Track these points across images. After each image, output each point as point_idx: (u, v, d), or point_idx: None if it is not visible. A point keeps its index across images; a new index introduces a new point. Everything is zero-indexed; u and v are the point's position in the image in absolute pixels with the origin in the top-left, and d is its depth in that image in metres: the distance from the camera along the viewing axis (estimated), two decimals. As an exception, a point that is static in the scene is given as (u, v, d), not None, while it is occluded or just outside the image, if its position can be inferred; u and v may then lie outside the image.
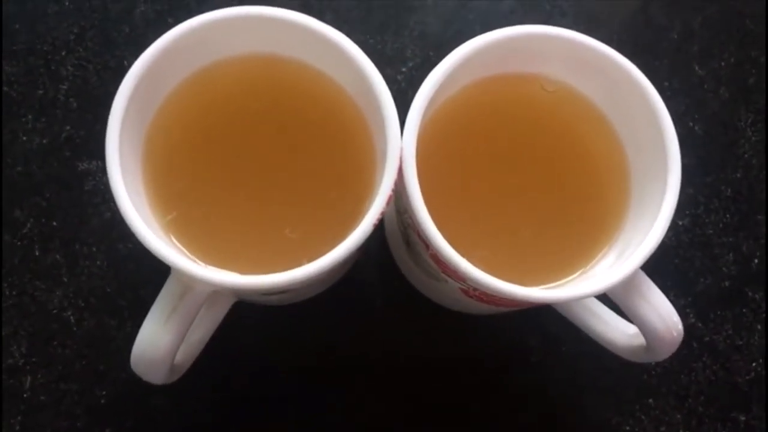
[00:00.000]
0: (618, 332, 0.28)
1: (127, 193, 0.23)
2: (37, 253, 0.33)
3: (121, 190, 0.23)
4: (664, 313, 0.25)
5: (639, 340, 0.27)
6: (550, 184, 0.28)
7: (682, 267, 0.35)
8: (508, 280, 0.23)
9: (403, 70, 0.36)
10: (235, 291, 0.27)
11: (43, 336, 0.33)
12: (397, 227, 0.30)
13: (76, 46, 0.36)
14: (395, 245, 0.33)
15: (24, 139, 0.35)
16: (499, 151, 0.28)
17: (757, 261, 0.35)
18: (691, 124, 0.37)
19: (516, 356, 0.34)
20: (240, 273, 0.24)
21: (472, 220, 0.27)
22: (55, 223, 0.34)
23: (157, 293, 0.24)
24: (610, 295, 0.25)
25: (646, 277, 0.25)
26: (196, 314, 0.25)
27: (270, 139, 0.27)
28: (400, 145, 0.24)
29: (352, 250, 0.23)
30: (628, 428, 0.33)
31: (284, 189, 0.27)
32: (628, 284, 0.25)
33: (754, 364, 0.34)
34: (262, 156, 0.27)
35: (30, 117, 0.35)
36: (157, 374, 0.25)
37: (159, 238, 0.23)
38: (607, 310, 0.29)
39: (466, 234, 0.26)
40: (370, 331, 0.34)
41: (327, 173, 0.27)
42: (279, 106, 0.27)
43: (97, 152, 0.30)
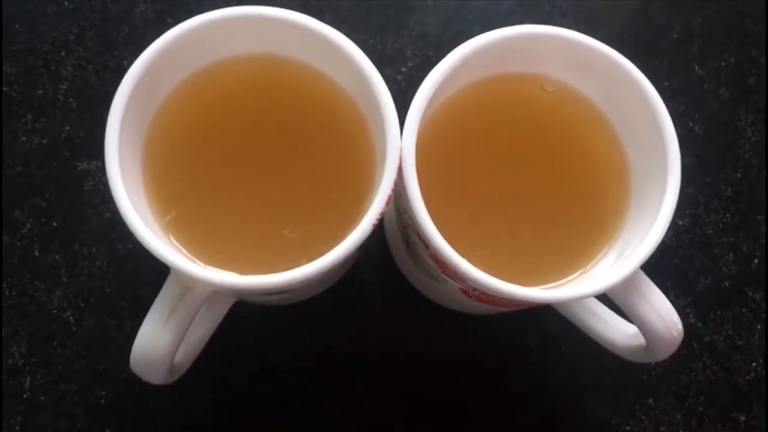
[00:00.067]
0: (618, 332, 0.28)
1: (127, 194, 0.23)
2: (37, 254, 0.33)
3: (121, 191, 0.23)
4: (664, 313, 0.25)
5: (639, 340, 0.27)
6: (550, 184, 0.28)
7: (682, 267, 0.35)
8: (507, 280, 0.23)
9: (403, 70, 0.36)
10: (234, 291, 0.27)
11: (43, 336, 0.33)
12: (397, 227, 0.30)
13: (76, 46, 0.36)
14: (395, 245, 0.33)
15: (23, 139, 0.35)
16: (499, 151, 0.28)
17: (757, 261, 0.35)
18: (691, 124, 0.37)
19: (516, 356, 0.34)
20: (239, 273, 0.24)
21: (471, 220, 0.27)
22: (54, 224, 0.34)
23: (156, 293, 0.24)
24: (610, 295, 0.25)
25: (646, 277, 0.25)
26: (195, 314, 0.25)
27: (270, 139, 0.27)
28: (400, 145, 0.24)
29: (352, 250, 0.23)
30: (628, 428, 0.33)
31: (284, 189, 0.27)
32: (628, 284, 0.25)
33: (754, 364, 0.34)
34: (262, 156, 0.27)
35: (29, 117, 0.35)
36: (156, 374, 0.25)
37: (158, 239, 0.23)
38: (607, 310, 0.29)
39: (466, 234, 0.26)
40: (370, 331, 0.34)
41: (326, 173, 0.27)
42: (278, 106, 0.27)
43: (97, 152, 0.30)
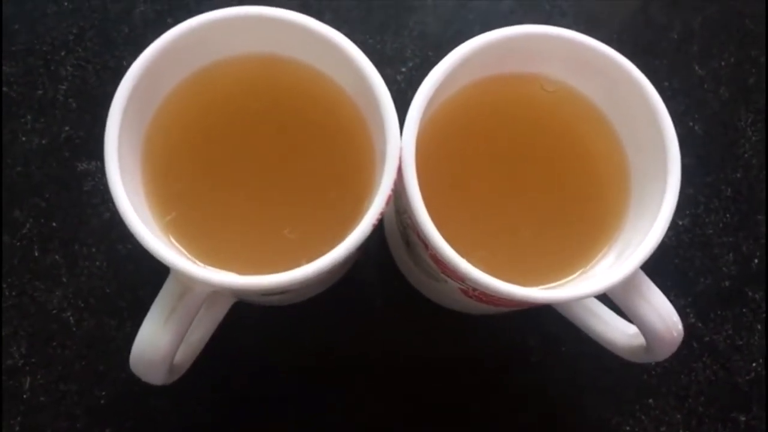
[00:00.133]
0: (618, 332, 0.28)
1: (126, 194, 0.23)
2: (37, 254, 0.33)
3: (120, 191, 0.23)
4: (664, 313, 0.25)
5: (639, 340, 0.27)
6: (550, 184, 0.28)
7: (682, 267, 0.35)
8: (507, 280, 0.23)
9: (403, 70, 0.36)
10: (234, 291, 0.27)
11: (43, 336, 0.33)
12: (397, 227, 0.30)
13: (76, 47, 0.36)
14: (395, 245, 0.33)
15: (23, 139, 0.35)
16: (499, 151, 0.28)
17: (757, 261, 0.35)
18: (691, 124, 0.37)
19: (516, 356, 0.34)
20: (239, 273, 0.24)
21: (471, 220, 0.27)
22: (54, 224, 0.34)
23: (156, 294, 0.24)
24: (610, 295, 0.25)
25: (646, 277, 0.25)
26: (195, 315, 0.25)
27: (269, 140, 0.27)
28: (400, 145, 0.24)
29: (352, 250, 0.23)
30: (628, 428, 0.33)
31: (283, 189, 0.27)
32: (628, 284, 0.25)
33: (754, 364, 0.34)
34: (262, 156, 0.27)
35: (29, 117, 0.35)
36: (156, 375, 0.25)
37: (158, 239, 0.23)
38: (607, 310, 0.29)
39: (466, 234, 0.26)
40: (370, 331, 0.34)
41: (326, 173, 0.27)
42: (278, 107, 0.27)
43: (97, 153, 0.30)
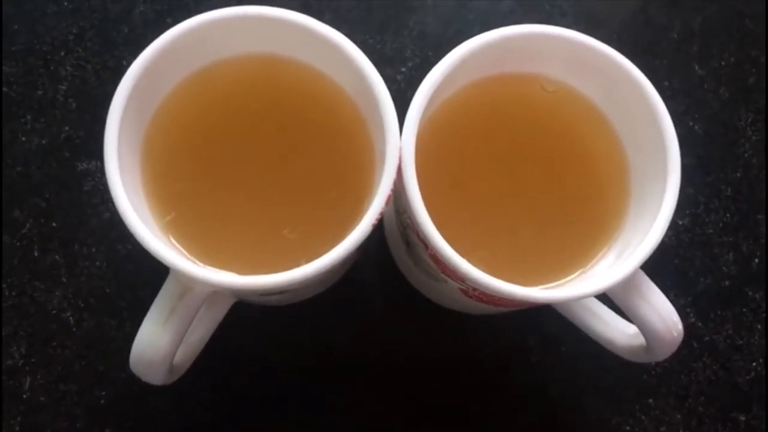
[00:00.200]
0: (618, 332, 0.28)
1: (126, 194, 0.23)
2: (37, 254, 0.33)
3: (120, 191, 0.23)
4: (664, 313, 0.25)
5: (639, 340, 0.27)
6: (550, 184, 0.28)
7: (682, 267, 0.35)
8: (507, 280, 0.23)
9: (403, 70, 0.36)
10: (234, 291, 0.27)
11: (43, 336, 0.33)
12: (397, 227, 0.30)
13: (75, 47, 0.36)
14: (395, 245, 0.33)
15: (23, 139, 0.35)
16: (499, 151, 0.28)
17: (757, 261, 0.35)
18: (691, 124, 0.37)
19: (516, 356, 0.34)
20: (239, 273, 0.24)
21: (471, 220, 0.27)
22: (54, 224, 0.34)
23: (156, 294, 0.24)
24: (609, 295, 0.25)
25: (646, 277, 0.25)
26: (195, 315, 0.25)
27: (269, 140, 0.27)
28: (399, 145, 0.24)
29: (351, 250, 0.23)
30: (628, 428, 0.33)
31: (283, 189, 0.27)
32: (628, 284, 0.25)
33: (754, 364, 0.34)
34: (262, 156, 0.27)
35: (29, 117, 0.35)
36: (156, 375, 0.25)
37: (158, 239, 0.23)
38: (607, 310, 0.29)
39: (466, 234, 0.26)
40: (370, 331, 0.34)
41: (326, 173, 0.27)
42: (278, 107, 0.27)
43: (97, 153, 0.30)
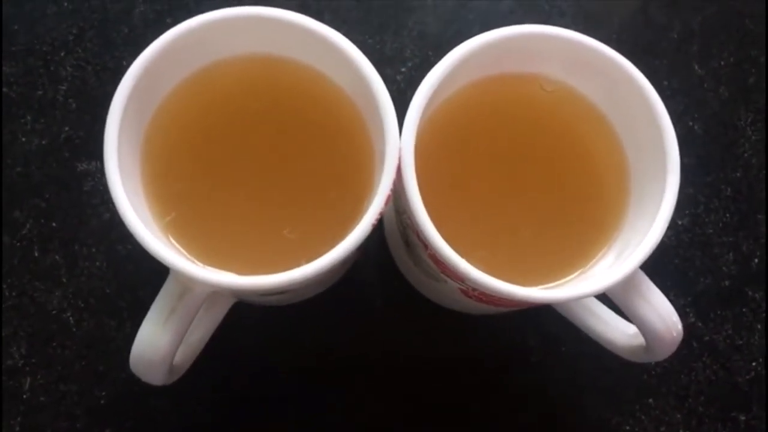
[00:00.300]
0: (618, 332, 0.28)
1: (126, 194, 0.23)
2: (37, 254, 0.33)
3: (120, 191, 0.23)
4: (663, 313, 0.25)
5: (639, 340, 0.27)
6: (549, 184, 0.28)
7: (682, 267, 0.35)
8: (507, 280, 0.23)
9: (402, 70, 0.36)
10: (233, 291, 0.27)
11: (43, 337, 0.33)
12: (396, 227, 0.30)
13: (75, 47, 0.36)
14: (394, 245, 0.33)
15: (23, 140, 0.35)
16: (499, 151, 0.28)
17: (757, 261, 0.35)
18: (690, 124, 0.37)
19: (516, 356, 0.34)
20: (239, 273, 0.24)
21: (471, 220, 0.27)
22: (54, 224, 0.34)
23: (156, 294, 0.24)
24: (609, 295, 0.25)
25: (646, 277, 0.25)
26: (195, 315, 0.25)
27: (269, 140, 0.27)
28: (399, 145, 0.24)
29: (351, 250, 0.23)
30: (628, 428, 0.33)
31: (283, 189, 0.27)
32: (628, 284, 0.25)
33: (754, 364, 0.34)
34: (261, 156, 0.27)
35: (29, 118, 0.35)
36: (156, 375, 0.25)
37: (158, 239, 0.23)
38: (607, 310, 0.29)
39: (466, 234, 0.26)
40: (370, 332, 0.34)
41: (326, 173, 0.27)
42: (278, 107, 0.27)
43: (96, 153, 0.30)
